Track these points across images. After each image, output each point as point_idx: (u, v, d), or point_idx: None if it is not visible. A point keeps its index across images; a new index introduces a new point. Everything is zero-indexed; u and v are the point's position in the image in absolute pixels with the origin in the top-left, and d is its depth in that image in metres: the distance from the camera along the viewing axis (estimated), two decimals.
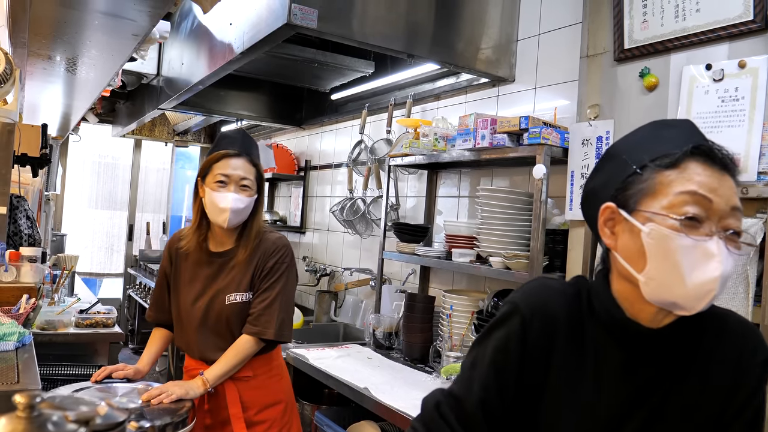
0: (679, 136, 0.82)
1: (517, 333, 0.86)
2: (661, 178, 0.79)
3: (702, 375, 0.85)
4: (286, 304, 1.73)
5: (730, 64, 1.48)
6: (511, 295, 0.91)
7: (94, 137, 5.64)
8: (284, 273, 1.74)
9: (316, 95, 3.74)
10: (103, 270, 5.85)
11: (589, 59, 1.86)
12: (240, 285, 1.71)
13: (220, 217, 1.67)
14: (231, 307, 1.70)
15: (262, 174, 1.76)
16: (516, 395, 0.86)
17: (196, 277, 1.75)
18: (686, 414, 0.84)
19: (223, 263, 1.74)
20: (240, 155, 1.70)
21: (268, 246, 1.74)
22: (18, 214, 2.30)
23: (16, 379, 1.31)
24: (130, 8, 1.52)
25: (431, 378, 2.12)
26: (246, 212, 1.71)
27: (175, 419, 1.45)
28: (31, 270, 2.01)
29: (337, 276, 3.40)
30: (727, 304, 1.35)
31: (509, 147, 1.97)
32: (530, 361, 0.85)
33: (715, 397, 0.84)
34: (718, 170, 0.79)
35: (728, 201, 0.78)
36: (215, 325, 1.71)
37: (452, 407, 0.88)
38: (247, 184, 1.69)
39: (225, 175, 1.67)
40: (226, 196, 1.66)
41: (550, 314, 0.86)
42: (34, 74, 2.29)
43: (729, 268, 0.77)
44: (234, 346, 1.66)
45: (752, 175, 1.40)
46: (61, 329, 2.29)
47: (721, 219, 0.77)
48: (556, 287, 0.90)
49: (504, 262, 1.97)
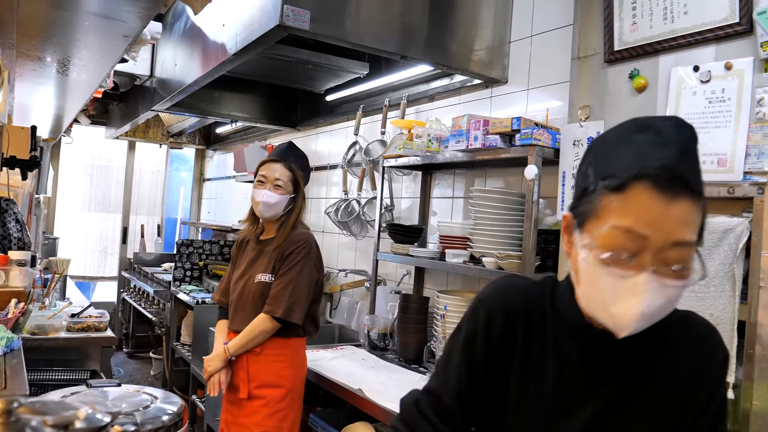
0: (643, 146, 0.77)
1: (483, 326, 0.91)
2: (605, 202, 0.77)
3: (659, 377, 0.85)
4: (298, 289, 1.99)
5: (716, 65, 1.49)
6: (479, 292, 0.96)
7: (87, 139, 5.61)
8: (300, 262, 2.01)
9: (310, 96, 3.73)
10: (96, 273, 5.81)
11: (580, 61, 1.87)
12: (267, 267, 2.03)
13: (257, 209, 2.08)
14: (257, 285, 2.02)
15: (298, 178, 2.11)
16: (483, 385, 0.91)
17: (244, 260, 2.12)
18: (640, 413, 0.85)
19: (262, 249, 2.09)
20: (278, 161, 2.10)
21: (293, 238, 2.05)
22: (7, 217, 2.28)
23: (3, 385, 1.30)
24: (119, 9, 1.51)
25: (425, 378, 2.12)
26: (278, 207, 2.06)
27: (168, 423, 1.44)
28: (20, 274, 1.99)
29: (332, 277, 3.39)
30: (714, 302, 1.36)
31: (501, 148, 1.97)
32: (495, 352, 0.90)
33: (672, 401, 0.85)
34: (666, 198, 0.73)
35: (669, 236, 0.73)
36: (245, 301, 2.03)
37: (430, 404, 0.93)
38: (280, 184, 2.05)
39: (263, 176, 2.07)
40: (260, 192, 2.05)
41: (512, 308, 0.90)
42: (24, 75, 2.28)
43: (658, 302, 0.75)
44: (251, 323, 1.96)
45: (738, 175, 1.41)
46: (52, 334, 2.27)
47: (659, 252, 0.74)
48: (520, 284, 0.94)
49: (497, 263, 1.97)
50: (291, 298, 1.96)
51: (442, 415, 0.91)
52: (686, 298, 1.41)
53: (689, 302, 1.39)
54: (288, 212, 2.10)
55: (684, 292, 0.78)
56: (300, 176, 2.12)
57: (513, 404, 0.89)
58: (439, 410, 0.91)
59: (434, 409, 0.91)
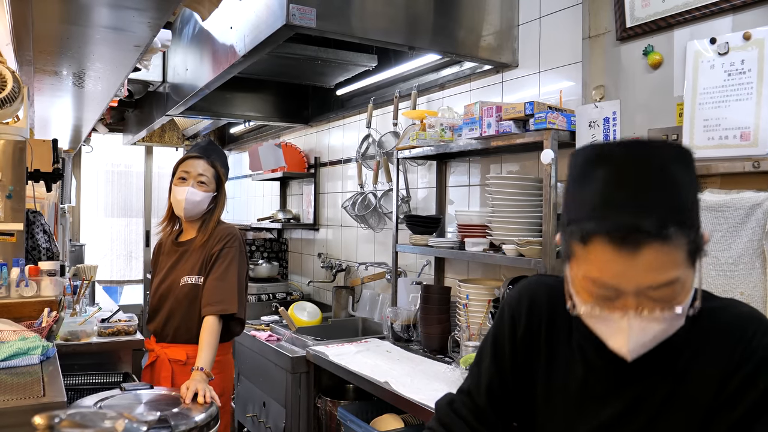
0: (601, 190, 0.74)
1: (508, 327, 0.95)
2: (575, 248, 0.76)
3: (690, 367, 0.83)
4: (240, 284, 1.93)
5: (734, 36, 1.44)
6: (508, 294, 1.02)
7: (105, 147, 5.72)
8: (235, 256, 1.94)
9: (321, 92, 3.74)
10: (123, 277, 5.94)
11: (591, 40, 1.83)
12: (194, 269, 1.94)
13: (179, 207, 1.95)
14: (184, 288, 1.93)
15: (221, 175, 2.02)
16: (514, 384, 0.94)
17: (165, 264, 2.02)
18: (671, 402, 0.83)
19: (184, 250, 2.00)
20: (200, 157, 1.98)
21: (217, 235, 1.97)
22: (35, 228, 2.35)
23: (42, 393, 1.34)
24: (130, 20, 1.53)
25: (450, 368, 2.13)
26: (202, 205, 1.97)
27: (201, 423, 1.47)
28: (51, 284, 2.05)
29: (352, 271, 3.41)
30: (743, 279, 1.33)
31: (516, 134, 1.95)
32: (521, 352, 0.93)
33: (703, 386, 0.82)
34: (627, 251, 0.71)
35: (640, 284, 0.72)
36: (175, 307, 1.94)
37: (465, 403, 0.96)
38: (204, 180, 1.96)
39: (185, 172, 1.96)
40: (183, 189, 1.94)
41: (536, 310, 0.93)
42: (42, 90, 2.33)
43: (650, 335, 0.75)
44: (202, 331, 1.83)
45: (763, 149, 1.37)
46: (84, 339, 2.34)
47: (638, 295, 0.73)
48: (546, 283, 0.96)
49: (517, 249, 1.96)
50: (232, 293, 1.87)
51: (477, 413, 0.95)
52: (715, 277, 1.39)
53: (718, 281, 1.37)
54: (210, 211, 2.00)
55: (681, 319, 0.77)
56: (222, 173, 2.03)
57: (542, 400, 0.91)
58: (473, 409, 0.95)
59: (469, 409, 0.96)
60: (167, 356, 1.97)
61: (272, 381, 2.64)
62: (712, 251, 1.39)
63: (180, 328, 1.96)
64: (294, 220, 4.06)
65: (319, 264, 3.69)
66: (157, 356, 2.01)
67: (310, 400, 2.45)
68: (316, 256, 3.80)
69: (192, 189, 1.93)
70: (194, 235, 2.00)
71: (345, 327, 3.13)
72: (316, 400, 2.42)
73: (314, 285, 3.86)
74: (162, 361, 1.98)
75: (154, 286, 2.03)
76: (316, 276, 3.82)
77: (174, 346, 1.98)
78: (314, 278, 3.83)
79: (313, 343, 2.55)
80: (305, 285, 3.94)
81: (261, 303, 3.77)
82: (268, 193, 4.80)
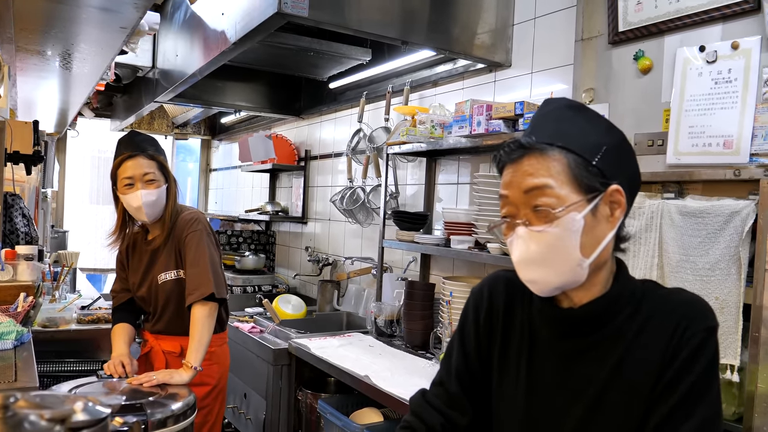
0: None
1: (472, 315, 1.03)
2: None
3: (632, 351, 0.86)
4: (214, 265, 1.86)
5: (723, 45, 1.45)
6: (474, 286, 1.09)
7: (92, 132, 5.63)
8: (203, 239, 1.87)
9: (314, 84, 3.71)
10: (107, 265, 5.86)
11: (584, 43, 1.84)
12: (169, 264, 1.90)
13: (139, 214, 1.86)
14: (165, 285, 1.90)
15: (164, 164, 1.90)
16: (479, 370, 1.00)
17: (140, 266, 1.96)
18: (614, 389, 0.86)
19: (152, 250, 1.95)
20: (136, 155, 1.84)
21: (180, 223, 1.90)
22: (13, 212, 2.30)
23: (14, 378, 1.32)
24: (116, 0, 1.50)
25: (431, 364, 2.13)
26: (160, 203, 1.88)
27: (177, 412, 1.46)
28: (28, 268, 2.02)
29: (339, 265, 3.40)
30: (719, 285, 1.35)
31: (505, 133, 1.95)
32: (483, 339, 1.01)
33: (644, 374, 0.84)
34: (513, 163, 0.88)
35: (520, 186, 0.86)
36: (164, 305, 1.92)
37: (436, 393, 1.02)
38: (151, 177, 1.84)
39: (129, 177, 1.83)
40: (135, 195, 1.82)
41: (495, 299, 1.01)
42: (26, 70, 2.28)
43: (534, 247, 0.85)
44: (192, 323, 1.79)
45: (744, 157, 1.38)
46: (62, 326, 2.30)
47: (524, 205, 0.86)
48: (506, 276, 1.03)
49: (501, 248, 1.96)
50: (213, 274, 1.82)
51: (448, 400, 1.00)
52: (692, 282, 1.39)
53: (695, 285, 1.38)
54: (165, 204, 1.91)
55: (568, 237, 0.83)
56: (164, 161, 1.91)
57: (497, 385, 0.98)
58: (444, 397, 1.00)
59: (440, 398, 1.00)
60: (161, 347, 1.96)
61: (254, 373, 2.63)
62: (690, 256, 1.40)
63: (171, 323, 1.95)
64: (282, 212, 4.03)
65: (306, 257, 3.67)
66: (151, 347, 2.00)
67: (291, 393, 2.45)
68: (304, 249, 3.78)
69: (144, 191, 1.81)
70: (158, 232, 1.95)
71: (329, 321, 3.12)
72: (297, 392, 2.41)
73: (300, 278, 3.84)
74: (156, 352, 1.97)
75: (134, 285, 1.98)
76: (302, 269, 3.80)
77: (168, 338, 1.97)
78: (301, 271, 3.81)
79: (296, 335, 2.54)
80: (291, 278, 3.92)
81: (246, 295, 3.75)
82: (257, 184, 4.77)
